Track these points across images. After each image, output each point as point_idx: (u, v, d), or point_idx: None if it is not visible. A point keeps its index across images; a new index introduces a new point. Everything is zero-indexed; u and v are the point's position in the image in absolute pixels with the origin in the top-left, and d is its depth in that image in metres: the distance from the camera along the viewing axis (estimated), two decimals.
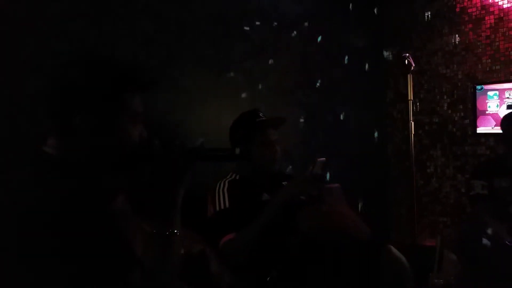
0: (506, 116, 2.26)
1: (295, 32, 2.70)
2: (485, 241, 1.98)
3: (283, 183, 1.84)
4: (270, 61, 2.53)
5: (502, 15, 2.79)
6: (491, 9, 2.84)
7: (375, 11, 3.23)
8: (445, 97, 3.07)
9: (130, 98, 0.93)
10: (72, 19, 1.72)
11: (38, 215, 0.77)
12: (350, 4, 3.06)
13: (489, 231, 1.99)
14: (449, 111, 3.05)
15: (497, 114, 2.72)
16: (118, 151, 0.93)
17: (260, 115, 1.83)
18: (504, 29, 2.78)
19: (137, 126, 0.95)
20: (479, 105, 2.82)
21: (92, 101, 0.90)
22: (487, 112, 2.79)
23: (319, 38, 2.84)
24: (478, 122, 2.82)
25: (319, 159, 1.69)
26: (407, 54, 2.58)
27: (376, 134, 3.18)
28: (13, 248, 0.76)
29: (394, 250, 1.64)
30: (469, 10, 2.94)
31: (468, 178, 2.45)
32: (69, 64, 0.94)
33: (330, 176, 1.66)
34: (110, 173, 0.96)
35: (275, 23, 2.58)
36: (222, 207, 1.67)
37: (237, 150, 0.99)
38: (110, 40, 1.84)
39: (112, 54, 1.81)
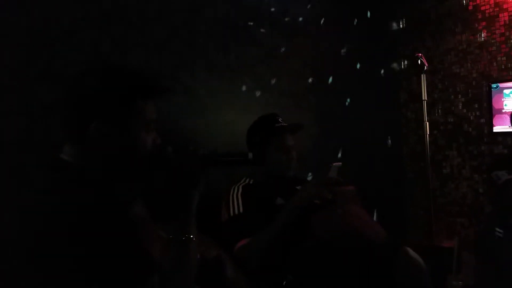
0: None
1: (306, 35, 2.70)
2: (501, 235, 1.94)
3: (297, 187, 1.83)
4: (282, 64, 2.53)
5: None
6: (505, 6, 2.80)
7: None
8: (459, 97, 3.03)
9: (143, 105, 0.95)
10: (84, 28, 1.75)
11: (57, 222, 0.79)
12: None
13: None
14: (464, 111, 3.01)
15: None
16: (132, 158, 0.94)
17: (279, 120, 1.83)
18: None
19: (150, 133, 0.97)
20: (495, 104, 2.77)
21: (107, 109, 0.91)
22: (503, 111, 2.74)
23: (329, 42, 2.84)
24: (494, 121, 2.78)
25: (334, 163, 1.67)
26: (420, 54, 2.57)
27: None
28: (34, 253, 0.78)
29: (411, 251, 1.61)
30: (482, 8, 2.90)
31: (488, 172, 2.37)
32: (83, 73, 0.96)
33: (345, 178, 1.65)
34: (125, 179, 0.97)
35: (286, 27, 2.58)
36: (237, 212, 1.67)
37: (250, 155, 0.99)
38: (122, 47, 1.87)
39: (125, 62, 1.83)
